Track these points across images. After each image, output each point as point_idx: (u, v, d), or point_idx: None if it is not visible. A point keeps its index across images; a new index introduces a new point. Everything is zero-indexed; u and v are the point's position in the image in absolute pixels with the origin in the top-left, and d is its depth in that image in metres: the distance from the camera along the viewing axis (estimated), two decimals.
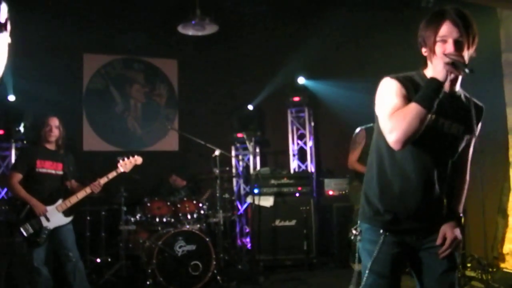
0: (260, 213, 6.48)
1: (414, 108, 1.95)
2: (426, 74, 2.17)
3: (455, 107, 2.17)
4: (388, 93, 2.10)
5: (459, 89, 2.23)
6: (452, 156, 2.22)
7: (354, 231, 2.30)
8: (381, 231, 2.18)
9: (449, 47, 2.03)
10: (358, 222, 2.32)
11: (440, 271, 2.20)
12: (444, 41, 2.05)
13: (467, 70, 1.94)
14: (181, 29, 6.31)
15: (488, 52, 5.34)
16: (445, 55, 1.98)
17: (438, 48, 2.06)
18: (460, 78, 2.16)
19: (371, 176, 2.28)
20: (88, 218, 5.82)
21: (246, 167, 7.81)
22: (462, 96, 2.24)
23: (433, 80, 1.98)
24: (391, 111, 2.02)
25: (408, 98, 2.05)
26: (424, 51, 2.15)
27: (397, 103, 2.04)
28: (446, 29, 2.05)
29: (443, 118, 2.13)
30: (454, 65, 1.95)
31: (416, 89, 2.08)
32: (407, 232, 2.20)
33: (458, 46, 2.04)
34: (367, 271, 2.18)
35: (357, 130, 5.41)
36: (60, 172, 4.56)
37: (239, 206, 7.65)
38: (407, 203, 2.16)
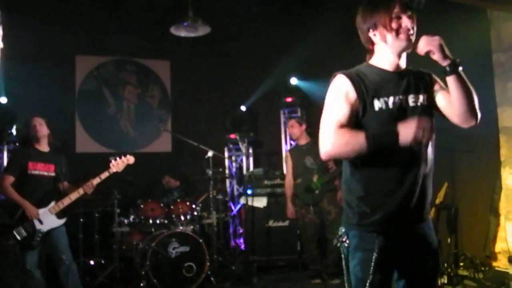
0: (254, 213, 6.49)
1: (361, 143, 1.98)
2: (373, 63, 2.22)
3: (409, 81, 2.18)
4: (337, 98, 2.12)
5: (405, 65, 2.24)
6: None
7: (340, 238, 2.20)
8: (375, 235, 2.09)
9: (406, 21, 2.09)
10: (342, 229, 2.23)
11: (424, 275, 2.18)
12: (398, 18, 2.10)
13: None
14: (173, 31, 6.30)
15: (479, 52, 5.37)
16: (420, 133, 1.92)
17: (394, 24, 2.10)
18: (404, 57, 2.21)
19: (345, 178, 2.22)
20: (82, 220, 5.80)
21: (239, 168, 7.82)
22: (410, 69, 2.25)
23: (394, 138, 1.95)
24: (337, 124, 2.05)
25: (356, 104, 2.09)
26: (373, 34, 2.16)
27: (344, 116, 2.07)
28: (398, 9, 2.11)
29: (404, 95, 2.14)
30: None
31: (366, 84, 2.12)
32: (398, 234, 2.12)
33: (412, 20, 2.12)
34: (368, 282, 2.07)
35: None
36: (52, 174, 4.54)
37: (233, 207, 7.65)
38: (392, 196, 2.09)
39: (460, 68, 2.02)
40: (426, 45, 2.00)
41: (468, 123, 2.14)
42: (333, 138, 2.04)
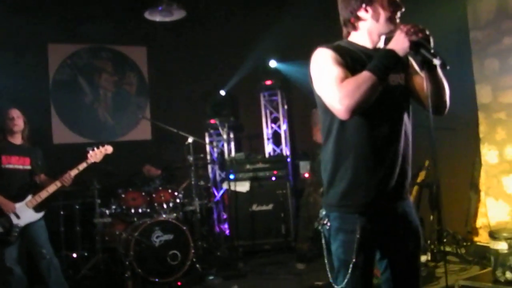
0: (237, 198, 6.48)
1: (368, 77, 1.91)
2: (353, 40, 2.18)
3: None
4: (327, 63, 2.03)
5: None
6: (407, 107, 2.19)
7: (321, 221, 2.17)
8: (356, 216, 2.07)
9: (401, 7, 2.10)
10: (323, 211, 2.19)
11: (407, 254, 2.18)
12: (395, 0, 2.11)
13: (437, 61, 1.92)
14: (148, 15, 6.19)
15: (456, 30, 5.38)
16: (414, 33, 1.92)
17: (392, 5, 2.09)
18: (383, 39, 2.17)
19: (328, 158, 2.15)
20: (62, 212, 5.71)
21: (221, 153, 7.77)
22: None
23: (391, 52, 1.95)
24: (338, 79, 1.96)
25: (346, 66, 2.02)
26: (364, 10, 2.10)
27: (341, 72, 1.98)
28: None
29: None
30: (419, 45, 1.93)
31: (351, 56, 2.06)
32: (379, 214, 2.11)
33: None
34: (351, 264, 2.05)
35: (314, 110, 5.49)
36: (28, 167, 4.43)
37: (216, 193, 7.62)
38: (372, 174, 2.07)
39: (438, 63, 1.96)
40: (415, 33, 1.93)
41: (437, 113, 2.16)
42: (342, 92, 1.92)
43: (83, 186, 5.55)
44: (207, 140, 7.64)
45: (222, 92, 7.52)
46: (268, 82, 7.54)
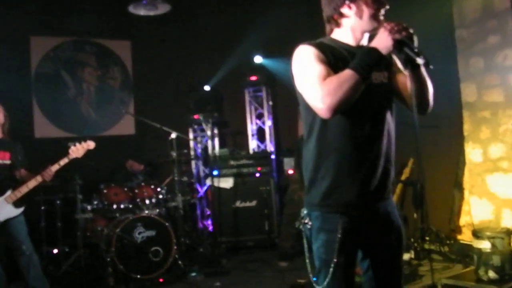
0: (220, 195, 6.45)
1: (351, 76, 1.89)
2: (336, 37, 2.15)
3: None
4: (309, 60, 2.00)
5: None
6: (390, 105, 2.17)
7: (303, 220, 2.15)
8: (338, 215, 2.05)
9: (386, 4, 2.08)
10: (304, 211, 2.17)
11: (388, 254, 2.17)
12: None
13: (420, 60, 1.91)
14: (132, 9, 6.12)
15: (442, 28, 5.38)
16: (398, 31, 1.91)
17: (376, 3, 2.06)
18: (367, 36, 2.15)
19: (310, 157, 2.13)
20: (43, 207, 5.62)
21: (205, 148, 7.72)
22: None
23: (374, 50, 1.93)
24: (320, 78, 1.93)
25: (328, 64, 1.99)
26: (348, 7, 2.08)
27: (323, 70, 1.96)
28: None
29: None
30: (402, 44, 1.92)
31: (333, 54, 2.04)
32: (361, 214, 2.08)
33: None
34: (332, 264, 2.03)
35: None
36: (8, 162, 4.33)
37: (199, 189, 7.57)
38: (354, 175, 2.05)
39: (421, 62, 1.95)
40: (398, 31, 1.92)
41: (419, 112, 2.11)
42: (324, 90, 1.90)
43: (65, 181, 5.47)
44: (191, 135, 7.58)
45: (207, 88, 7.47)
46: (253, 78, 7.52)
